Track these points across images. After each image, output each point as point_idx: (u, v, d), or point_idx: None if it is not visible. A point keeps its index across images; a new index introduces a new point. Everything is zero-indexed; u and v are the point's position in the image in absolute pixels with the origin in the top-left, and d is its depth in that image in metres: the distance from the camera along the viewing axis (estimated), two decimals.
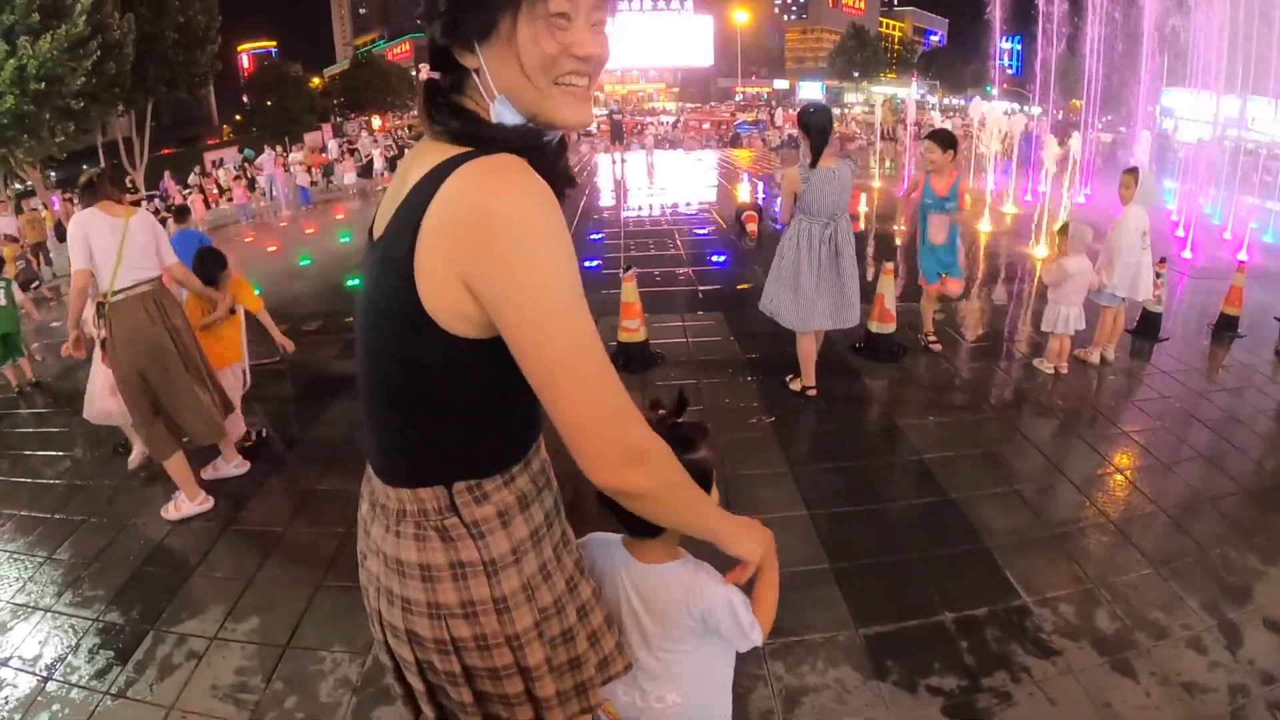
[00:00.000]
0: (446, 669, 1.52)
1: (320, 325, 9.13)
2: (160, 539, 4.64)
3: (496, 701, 1.57)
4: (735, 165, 24.61)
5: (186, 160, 41.64)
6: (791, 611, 3.66)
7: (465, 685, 1.54)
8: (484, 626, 1.48)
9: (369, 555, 1.61)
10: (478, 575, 1.47)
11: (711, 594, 1.84)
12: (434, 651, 1.51)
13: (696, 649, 1.90)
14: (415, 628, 1.51)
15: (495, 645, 1.50)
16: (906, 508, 4.72)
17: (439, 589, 1.47)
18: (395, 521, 1.50)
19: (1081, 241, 6.51)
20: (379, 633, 1.61)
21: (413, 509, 1.48)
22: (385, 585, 1.54)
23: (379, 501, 1.56)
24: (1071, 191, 14.79)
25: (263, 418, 6.29)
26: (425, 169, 1.29)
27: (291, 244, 16.62)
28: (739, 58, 24.35)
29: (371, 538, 1.59)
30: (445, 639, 1.49)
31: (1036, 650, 3.45)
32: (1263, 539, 4.37)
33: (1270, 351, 7.57)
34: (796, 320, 5.84)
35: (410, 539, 1.48)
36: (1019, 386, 6.54)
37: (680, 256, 12.15)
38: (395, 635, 1.55)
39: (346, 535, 4.42)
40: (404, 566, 1.49)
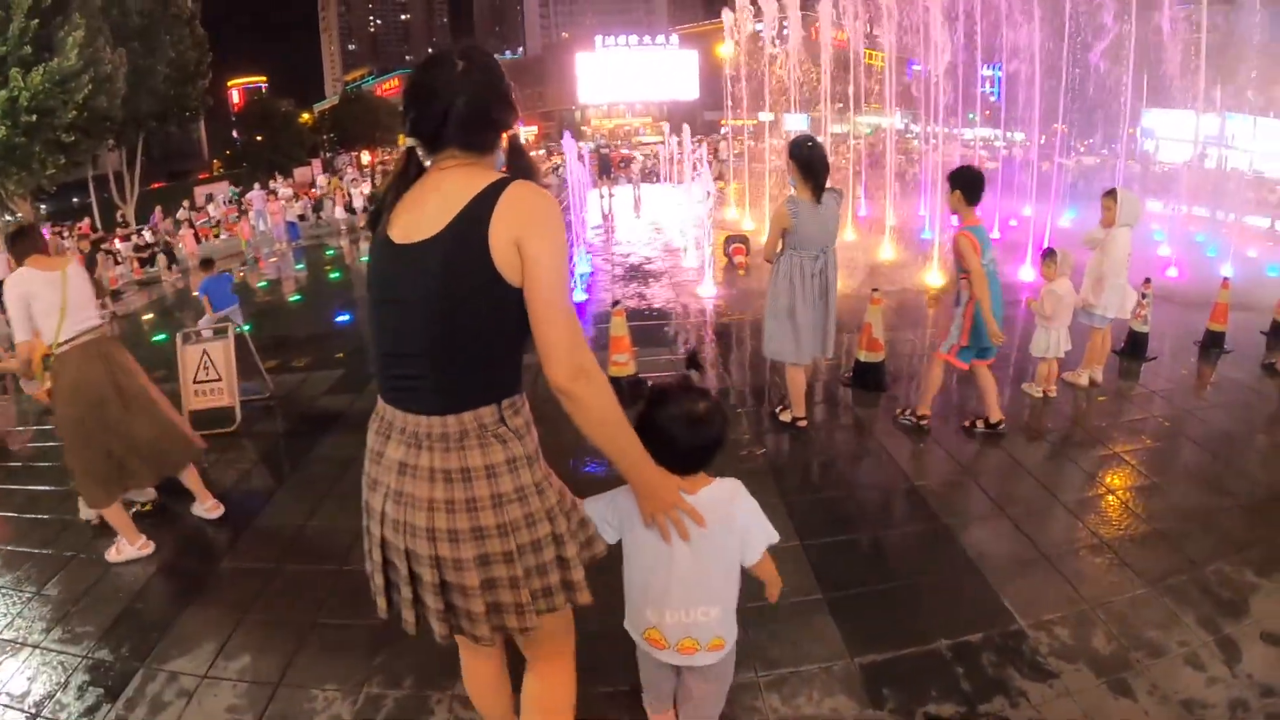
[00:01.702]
0: (518, 544, 2.13)
1: (309, 362, 9.08)
2: (150, 575, 4.60)
3: (546, 576, 2.21)
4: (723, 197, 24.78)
5: (176, 195, 41.68)
6: (786, 642, 3.66)
7: (480, 595, 2.13)
8: (529, 505, 2.15)
9: (411, 486, 2.13)
10: (523, 466, 2.14)
11: (745, 494, 2.51)
12: (495, 537, 2.10)
13: (729, 566, 2.49)
14: (481, 521, 2.09)
15: (539, 520, 2.16)
16: (899, 535, 4.73)
17: (499, 481, 2.10)
18: (457, 441, 2.08)
19: (1068, 265, 6.55)
20: (451, 570, 2.13)
21: (473, 426, 2.09)
22: (444, 499, 2.09)
23: (430, 434, 2.10)
24: (1055, 215, 14.93)
25: (252, 453, 6.26)
26: (476, 187, 2.01)
27: (281, 280, 16.65)
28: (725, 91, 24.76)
29: (418, 473, 2.10)
30: (505, 522, 2.11)
31: (1033, 674, 3.44)
32: (1256, 553, 4.38)
33: (1257, 366, 7.62)
34: (795, 353, 5.84)
35: (475, 448, 2.09)
36: (1009, 411, 6.51)
37: (669, 289, 12.17)
38: (455, 542, 2.09)
39: (338, 572, 4.41)
40: (470, 471, 2.09)
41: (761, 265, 6.41)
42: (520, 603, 2.16)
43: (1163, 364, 7.74)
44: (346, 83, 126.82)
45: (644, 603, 2.53)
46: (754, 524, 2.49)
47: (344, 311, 11.64)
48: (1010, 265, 13.02)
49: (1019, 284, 11.95)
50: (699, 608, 2.47)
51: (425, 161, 2.19)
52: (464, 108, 2.07)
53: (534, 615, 2.19)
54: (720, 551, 2.45)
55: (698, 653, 2.53)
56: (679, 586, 2.44)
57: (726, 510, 2.43)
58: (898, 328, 7.76)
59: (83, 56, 23.93)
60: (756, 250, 13.11)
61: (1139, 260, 7.05)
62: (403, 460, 2.14)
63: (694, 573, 2.42)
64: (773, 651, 3.60)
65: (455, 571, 2.12)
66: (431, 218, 2.03)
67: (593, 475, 5.28)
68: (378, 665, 3.65)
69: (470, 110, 2.08)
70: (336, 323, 11.35)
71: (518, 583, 2.15)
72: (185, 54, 34.37)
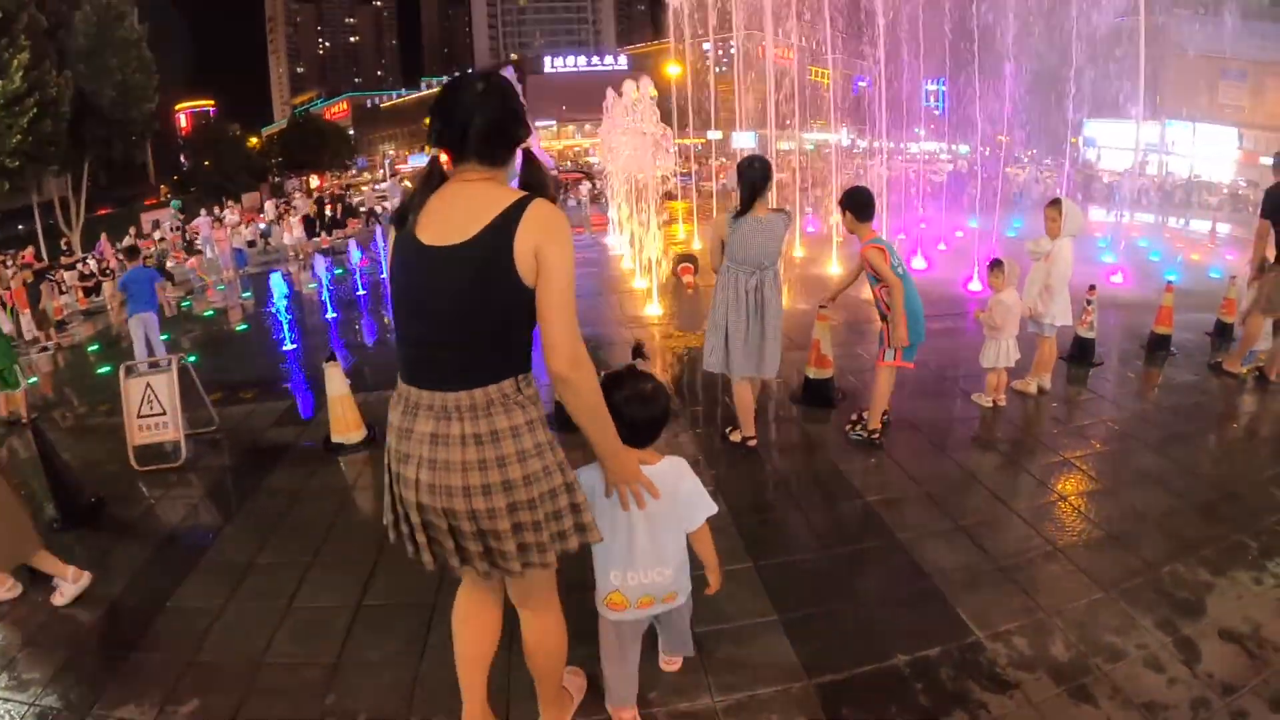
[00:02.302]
0: (538, 492, 2.51)
1: (257, 393, 8.89)
2: (96, 619, 4.43)
3: (560, 521, 2.60)
4: (671, 215, 24.87)
5: (123, 221, 40.94)
6: (741, 666, 3.61)
7: (512, 537, 2.52)
8: (545, 459, 2.53)
9: (444, 454, 2.47)
10: (539, 427, 2.54)
11: (689, 471, 2.97)
12: (521, 487, 2.47)
13: (677, 533, 2.97)
14: (509, 474, 2.46)
15: (553, 471, 2.55)
16: (853, 552, 4.67)
17: (521, 440, 2.48)
18: (484, 410, 2.45)
19: (1014, 276, 6.62)
20: (486, 519, 2.50)
21: (498, 396, 2.46)
22: (477, 459, 2.45)
23: (459, 406, 2.45)
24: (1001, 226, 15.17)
25: (199, 488, 6.11)
26: (503, 204, 2.38)
27: (228, 308, 16.39)
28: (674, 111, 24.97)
29: (454, 439, 2.46)
30: (529, 474, 2.48)
31: (993, 685, 3.42)
32: (1210, 551, 4.43)
33: (1203, 366, 7.75)
34: (728, 366, 5.83)
35: (501, 413, 2.46)
36: (958, 421, 6.57)
37: (616, 309, 12.13)
38: (488, 494, 2.46)
39: (287, 609, 4.29)
40: (498, 433, 2.46)
41: (711, 283, 6.38)
42: (543, 542, 2.57)
43: (1110, 369, 7.86)
44: (295, 106, 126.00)
45: (608, 566, 2.95)
46: (696, 497, 2.96)
47: (292, 340, 11.43)
48: (958, 276, 13.22)
49: (969, 295, 12.11)
50: (655, 569, 2.94)
51: (448, 171, 2.56)
52: (482, 124, 2.45)
53: (555, 552, 2.62)
54: (670, 519, 2.92)
55: (654, 606, 3.03)
56: (637, 550, 2.90)
57: (674, 484, 2.88)
58: (847, 343, 7.75)
59: (28, 79, 23.48)
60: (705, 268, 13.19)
61: (1086, 267, 7.14)
62: (433, 432, 2.49)
63: (649, 538, 2.89)
64: (728, 676, 3.54)
65: (489, 520, 2.49)
66: (460, 225, 2.39)
67: None
68: (330, 705, 3.54)
69: (487, 126, 2.46)
70: (284, 352, 11.14)
71: (540, 526, 2.55)
72: (132, 77, 33.91)
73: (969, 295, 12.10)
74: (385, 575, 4.53)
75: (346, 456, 6.43)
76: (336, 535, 5.13)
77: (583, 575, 3.04)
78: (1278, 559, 4.37)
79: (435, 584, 4.32)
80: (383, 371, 9.50)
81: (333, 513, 5.48)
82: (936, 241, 17.18)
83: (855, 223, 5.80)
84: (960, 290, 12.59)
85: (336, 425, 6.56)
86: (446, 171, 2.56)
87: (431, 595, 4.23)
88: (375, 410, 7.34)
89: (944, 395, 7.23)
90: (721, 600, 4.02)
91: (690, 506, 2.95)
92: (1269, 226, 7.18)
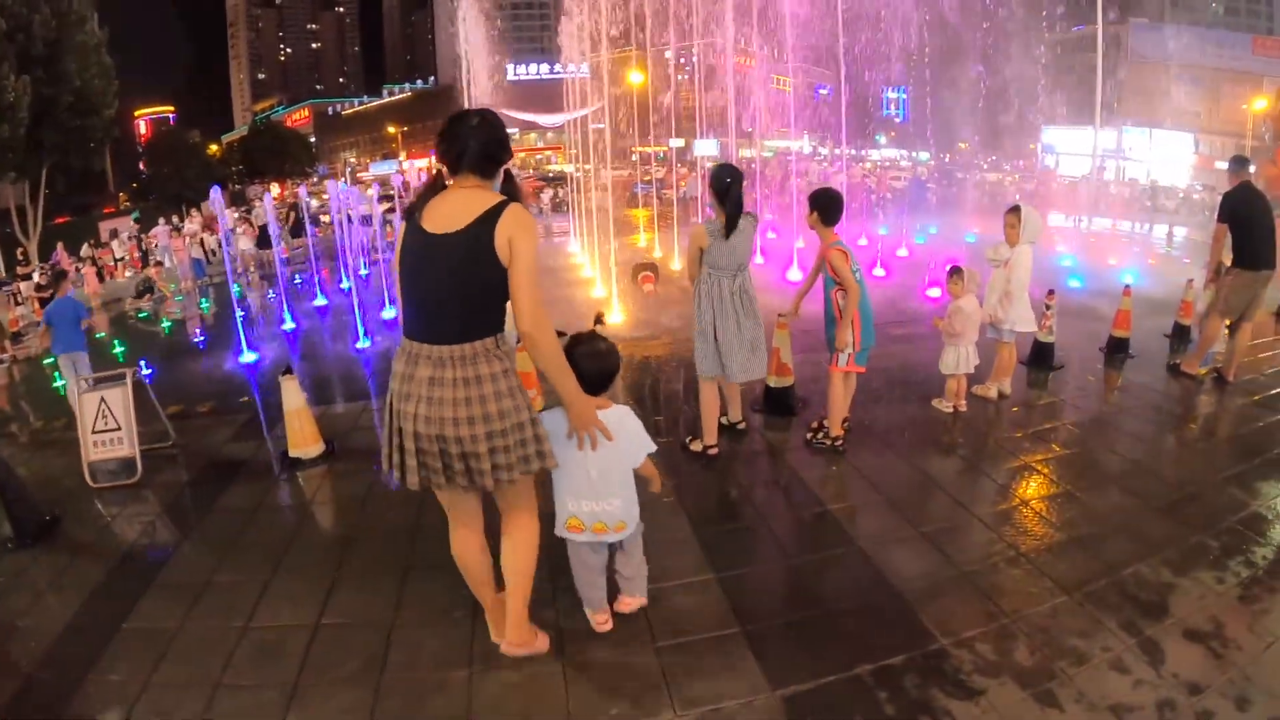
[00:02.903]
0: (510, 424, 3.25)
1: (213, 406, 8.74)
2: (52, 641, 4.28)
3: (525, 447, 3.32)
4: (633, 224, 24.86)
5: (81, 230, 40.07)
6: (704, 680, 3.57)
7: (488, 458, 3.24)
8: (516, 399, 3.27)
9: (439, 392, 3.19)
10: (510, 374, 3.27)
11: (633, 416, 3.71)
12: (496, 419, 3.21)
13: (624, 469, 3.68)
14: (489, 408, 3.19)
15: (521, 409, 3.29)
16: (815, 561, 4.65)
17: (499, 382, 3.22)
18: (471, 359, 3.19)
19: (974, 283, 6.64)
20: (469, 444, 3.22)
21: (481, 350, 3.20)
22: (464, 396, 3.18)
23: (450, 359, 3.18)
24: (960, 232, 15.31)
25: (156, 505, 5.97)
26: (487, 204, 3.13)
27: (186, 319, 16.13)
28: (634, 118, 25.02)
29: (447, 381, 3.18)
30: (505, 408, 3.23)
31: (958, 692, 3.41)
32: (1171, 552, 4.48)
33: (1162, 369, 7.83)
34: (720, 371, 5.82)
35: (484, 362, 3.20)
36: (919, 428, 6.58)
37: (577, 318, 12.09)
38: (471, 424, 3.18)
39: (244, 629, 4.19)
40: (481, 378, 3.19)
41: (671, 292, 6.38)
42: (511, 463, 3.30)
43: (1070, 372, 7.93)
44: (255, 113, 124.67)
45: (566, 496, 3.68)
46: (639, 437, 3.71)
47: (251, 351, 11.25)
48: (917, 282, 13.31)
49: (929, 301, 12.19)
50: (604, 500, 3.66)
51: (448, 180, 3.34)
52: (476, 147, 3.26)
53: (520, 472, 3.35)
54: (617, 456, 3.62)
55: (607, 533, 3.72)
56: (591, 484, 3.63)
57: (619, 428, 3.57)
58: (808, 350, 7.72)
59: None
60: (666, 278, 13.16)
61: (1045, 272, 7.20)
62: (432, 376, 3.21)
63: (600, 473, 3.61)
64: (691, 689, 3.50)
65: (472, 444, 3.22)
66: (455, 219, 3.16)
67: None
68: None
69: (480, 149, 3.27)
70: (242, 364, 10.95)
71: (509, 450, 3.29)
72: (91, 83, 33.35)
73: (929, 302, 12.17)
74: (344, 593, 4.45)
75: (305, 471, 6.30)
76: (295, 552, 5.02)
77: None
78: (1239, 558, 4.43)
79: (394, 601, 4.29)
80: (341, 384, 9.41)
81: (291, 529, 5.38)
82: (896, 247, 17.30)
83: (820, 224, 5.81)
84: (920, 296, 12.67)
85: (294, 439, 6.44)
86: (446, 181, 3.34)
87: (391, 612, 4.18)
88: (334, 424, 7.26)
89: (904, 401, 7.23)
90: (684, 613, 4.05)
91: (634, 445, 3.68)
92: (1225, 231, 7.29)
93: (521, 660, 3.71)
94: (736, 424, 6.47)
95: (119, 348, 12.05)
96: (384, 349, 11.06)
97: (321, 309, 15.42)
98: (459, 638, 3.95)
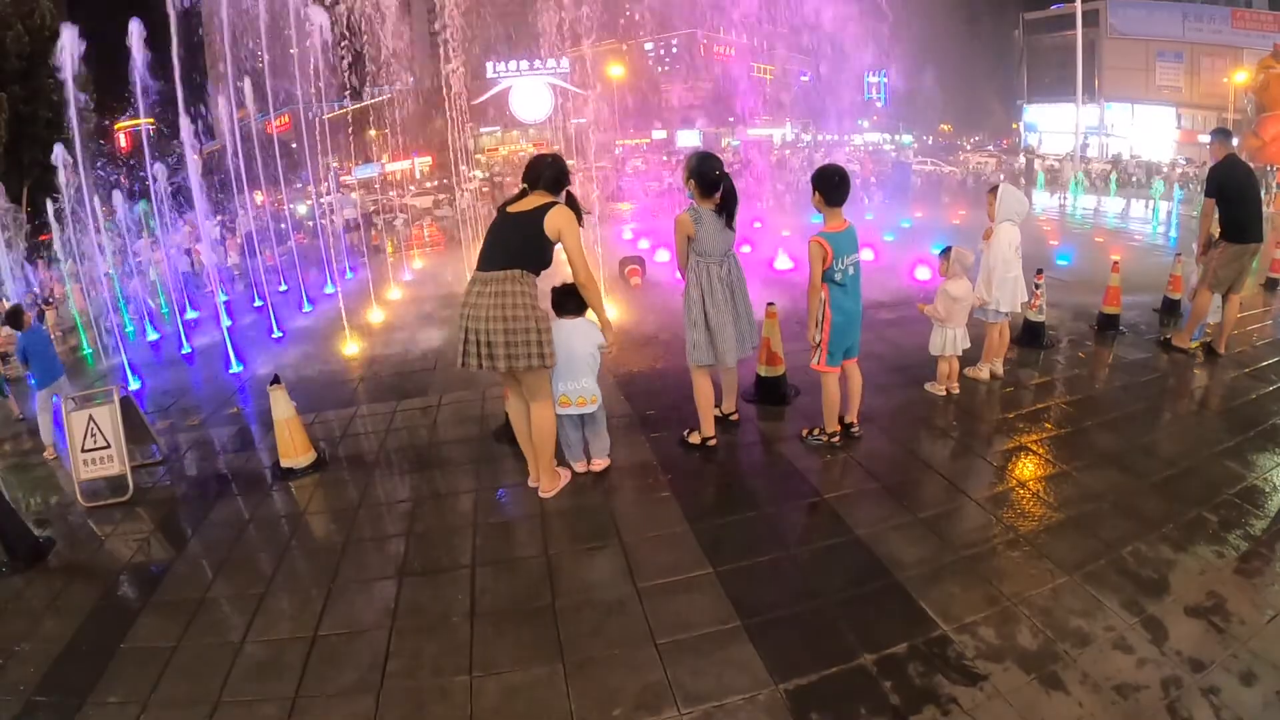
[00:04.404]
0: (519, 326, 4.82)
1: (203, 419, 8.68)
2: (50, 664, 4.24)
3: (522, 344, 4.85)
4: (619, 217, 24.79)
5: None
6: (706, 675, 3.55)
7: (503, 345, 4.82)
8: (537, 309, 4.93)
9: (482, 300, 4.84)
10: (532, 295, 4.93)
11: (587, 321, 5.48)
12: (513, 319, 4.81)
13: (593, 360, 5.48)
14: (515, 313, 4.81)
15: (534, 319, 4.89)
16: (813, 551, 4.60)
17: (526, 298, 4.87)
18: (505, 280, 4.83)
19: (963, 265, 6.59)
20: (491, 335, 4.83)
21: (513, 275, 4.86)
22: (500, 305, 4.80)
23: (494, 280, 4.83)
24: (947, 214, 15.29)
25: (148, 522, 5.91)
26: (540, 201, 4.97)
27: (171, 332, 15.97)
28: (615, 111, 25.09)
29: (487, 293, 4.83)
30: (520, 315, 4.83)
31: (962, 678, 3.39)
32: (1170, 528, 4.47)
33: (1153, 344, 7.83)
34: (712, 356, 5.77)
35: (517, 282, 4.86)
36: (912, 412, 6.54)
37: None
38: (506, 323, 4.79)
39: (242, 644, 4.15)
40: (513, 294, 4.83)
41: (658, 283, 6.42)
42: (527, 354, 4.84)
43: (1062, 350, 7.92)
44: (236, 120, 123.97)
45: (556, 381, 5.36)
46: (595, 332, 5.43)
47: (239, 362, 11.18)
48: (904, 264, 13.29)
49: (916, 284, 12.17)
50: (577, 380, 5.42)
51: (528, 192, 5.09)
52: (548, 176, 5.03)
53: (529, 364, 4.88)
54: (585, 345, 5.42)
55: (585, 405, 5.49)
56: (570, 370, 5.37)
57: (588, 329, 5.43)
58: (798, 338, 7.66)
59: None
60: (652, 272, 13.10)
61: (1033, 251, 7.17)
62: (479, 291, 4.85)
63: (573, 362, 5.37)
64: (693, 686, 3.49)
65: (497, 335, 4.79)
66: (527, 207, 4.93)
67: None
68: None
69: (549, 178, 5.03)
70: (230, 375, 10.87)
71: (518, 345, 4.82)
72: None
73: (916, 284, 12.15)
74: (340, 604, 4.42)
75: (296, 481, 6.24)
76: (289, 564, 4.99)
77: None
78: (1237, 531, 4.43)
79: (391, 609, 4.27)
80: (329, 391, 9.32)
81: (284, 541, 5.32)
82: (883, 231, 17.29)
83: (823, 205, 5.57)
84: (908, 279, 12.65)
85: (285, 449, 6.37)
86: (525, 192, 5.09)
87: (388, 621, 4.16)
88: (325, 431, 7.21)
89: (897, 386, 7.17)
90: (683, 609, 4.03)
91: (594, 335, 5.43)
92: (1214, 205, 7.29)
93: (523, 661, 3.73)
94: (730, 415, 6.45)
95: None
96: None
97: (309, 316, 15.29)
98: (458, 644, 3.93)
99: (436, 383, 9.08)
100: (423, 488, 5.96)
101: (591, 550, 4.76)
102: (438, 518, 5.43)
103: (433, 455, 6.55)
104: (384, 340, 12.22)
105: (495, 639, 3.95)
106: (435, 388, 8.74)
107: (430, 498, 5.77)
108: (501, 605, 4.26)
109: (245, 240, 25.22)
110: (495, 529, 5.14)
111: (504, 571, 4.61)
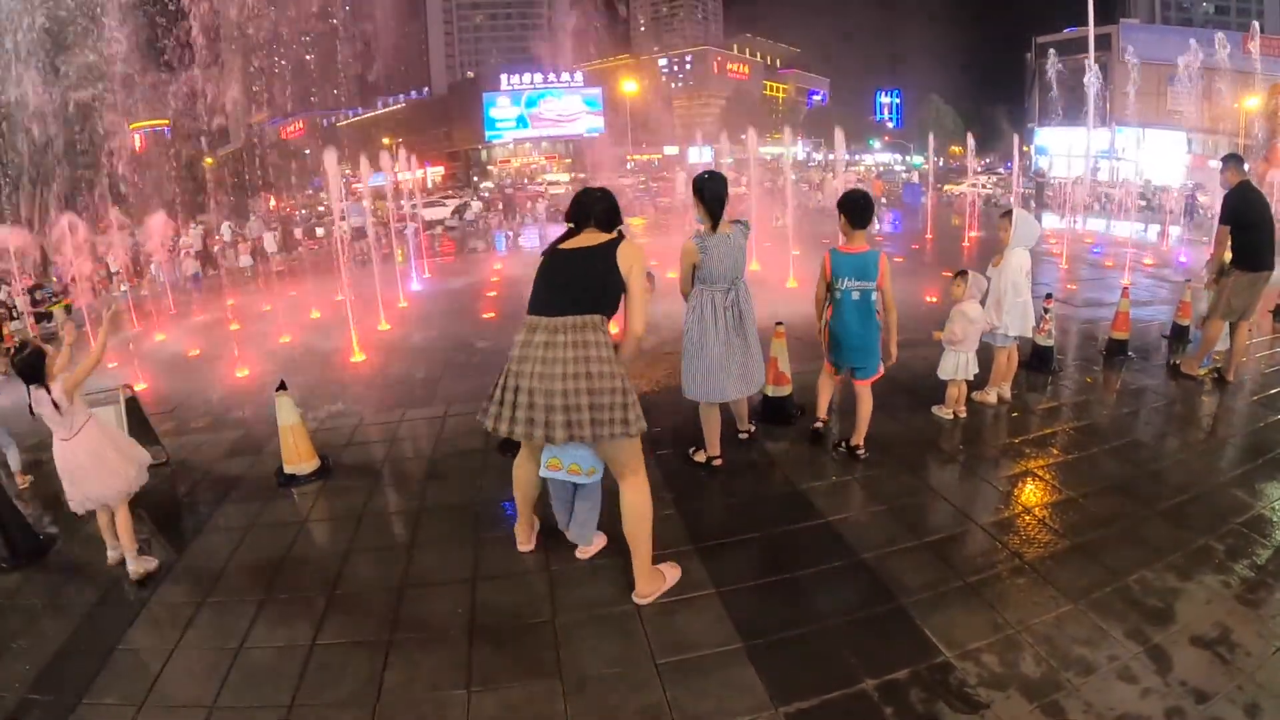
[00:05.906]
0: (605, 386, 3.97)
1: (208, 423, 8.68)
2: (46, 663, 4.24)
3: (608, 409, 3.98)
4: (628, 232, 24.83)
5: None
6: (706, 697, 3.52)
7: (588, 409, 3.93)
8: (613, 364, 4.05)
9: (553, 354, 3.97)
10: (610, 346, 4.10)
11: None
12: (597, 377, 3.95)
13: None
14: (601, 368, 3.97)
15: (618, 376, 4.04)
16: (817, 574, 4.55)
17: (609, 350, 4.06)
18: (583, 327, 4.00)
19: (979, 289, 6.60)
20: (570, 398, 3.92)
21: (593, 322, 4.04)
22: (582, 359, 3.96)
23: (568, 328, 3.99)
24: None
25: (149, 525, 5.90)
26: (604, 238, 4.25)
27: (179, 333, 16.00)
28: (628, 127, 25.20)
29: (560, 344, 3.97)
30: (602, 371, 3.98)
31: (964, 706, 3.36)
32: (1177, 557, 4.44)
33: (1161, 370, 7.79)
34: (709, 392, 5.69)
35: (592, 331, 4.02)
36: (920, 436, 6.51)
37: None
38: (590, 381, 3.94)
39: (239, 651, 4.14)
40: (589, 344, 3.99)
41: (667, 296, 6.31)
42: (610, 420, 3.99)
43: (1070, 375, 7.90)
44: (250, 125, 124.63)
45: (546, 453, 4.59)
46: None
47: (245, 368, 11.17)
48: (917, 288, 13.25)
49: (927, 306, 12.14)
50: (578, 448, 4.43)
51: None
52: (599, 212, 4.36)
53: (612, 433, 4.01)
54: None
55: (579, 475, 4.44)
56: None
57: None
58: (807, 358, 7.62)
59: None
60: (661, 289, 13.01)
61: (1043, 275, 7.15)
62: (547, 341, 4.01)
63: None
64: (693, 707, 3.47)
65: (574, 397, 3.93)
66: (591, 243, 4.25)
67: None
68: None
69: (600, 213, 4.36)
70: (236, 379, 10.86)
71: (604, 409, 3.99)
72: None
73: (927, 307, 12.12)
74: (339, 613, 4.40)
75: (299, 488, 6.24)
76: (289, 572, 4.98)
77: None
78: (1244, 561, 4.39)
79: (390, 621, 4.25)
80: (335, 395, 9.30)
81: (285, 548, 5.31)
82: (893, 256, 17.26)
83: (849, 228, 5.80)
84: (919, 301, 12.62)
85: (288, 456, 6.35)
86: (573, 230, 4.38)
87: (387, 632, 4.14)
88: (328, 439, 7.19)
89: (904, 409, 7.12)
90: (684, 630, 4.01)
91: None
92: (1227, 232, 7.25)
93: (522, 677, 3.73)
94: (739, 433, 6.42)
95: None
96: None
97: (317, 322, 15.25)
98: (456, 657, 3.91)
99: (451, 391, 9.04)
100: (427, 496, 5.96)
101: (593, 567, 4.72)
102: (438, 530, 5.41)
103: (435, 466, 6.56)
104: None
105: (494, 654, 3.93)
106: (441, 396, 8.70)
107: (433, 508, 5.76)
108: (501, 620, 4.24)
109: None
110: (496, 543, 5.10)
111: (504, 586, 4.59)
